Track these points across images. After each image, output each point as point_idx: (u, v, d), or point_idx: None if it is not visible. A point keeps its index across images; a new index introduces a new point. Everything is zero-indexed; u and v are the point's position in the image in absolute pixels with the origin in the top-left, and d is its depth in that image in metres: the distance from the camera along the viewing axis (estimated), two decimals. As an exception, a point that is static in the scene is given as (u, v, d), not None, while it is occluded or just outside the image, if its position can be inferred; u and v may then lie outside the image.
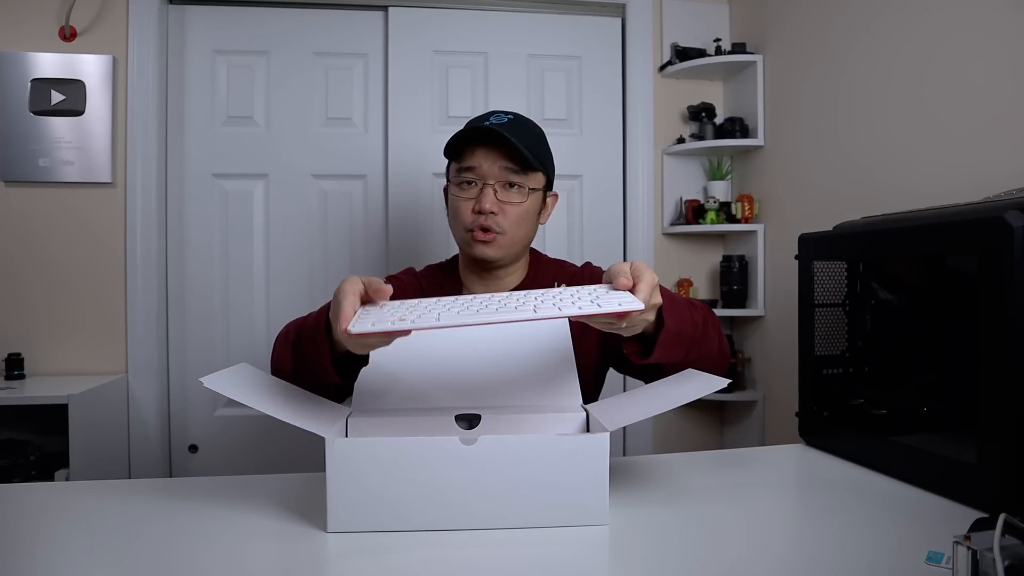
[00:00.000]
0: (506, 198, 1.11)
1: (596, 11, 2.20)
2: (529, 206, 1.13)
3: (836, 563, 0.65)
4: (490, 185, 1.10)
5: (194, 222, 2.05)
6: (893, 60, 1.53)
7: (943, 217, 0.95)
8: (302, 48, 2.09)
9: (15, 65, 1.89)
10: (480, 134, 1.09)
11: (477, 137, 1.10)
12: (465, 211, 1.11)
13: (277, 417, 0.73)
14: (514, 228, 1.12)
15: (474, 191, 1.11)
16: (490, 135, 1.08)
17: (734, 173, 2.23)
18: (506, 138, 1.07)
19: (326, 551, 0.68)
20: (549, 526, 0.71)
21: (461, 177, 1.12)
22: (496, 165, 1.09)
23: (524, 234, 1.14)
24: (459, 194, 1.12)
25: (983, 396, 0.77)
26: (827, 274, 1.09)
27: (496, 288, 1.18)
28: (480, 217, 1.10)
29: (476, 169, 1.10)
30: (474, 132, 1.10)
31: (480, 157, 1.10)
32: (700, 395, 0.78)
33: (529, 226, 1.15)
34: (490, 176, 1.10)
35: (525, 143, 1.09)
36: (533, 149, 1.11)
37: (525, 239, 1.16)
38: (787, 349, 1.85)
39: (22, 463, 1.66)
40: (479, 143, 1.10)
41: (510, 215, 1.11)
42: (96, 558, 0.67)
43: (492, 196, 1.09)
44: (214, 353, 2.05)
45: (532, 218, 1.15)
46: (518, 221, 1.12)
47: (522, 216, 1.12)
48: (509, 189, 1.11)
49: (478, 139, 1.10)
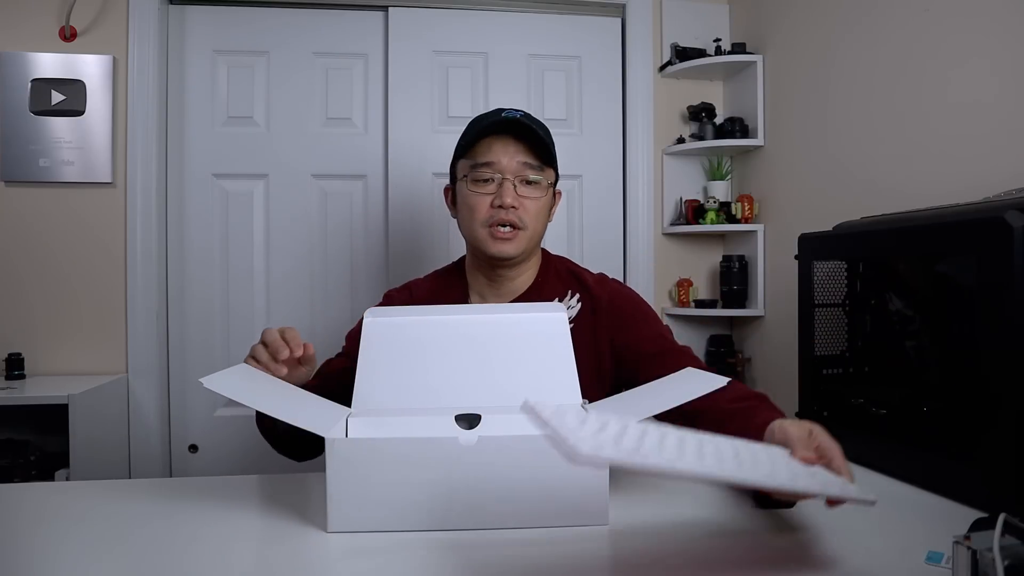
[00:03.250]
0: (525, 193, 1.09)
1: (596, 11, 2.20)
2: (546, 201, 1.12)
3: (836, 563, 0.65)
4: (509, 180, 1.08)
5: (194, 222, 2.05)
6: (893, 60, 1.53)
7: (943, 217, 0.95)
8: (302, 48, 2.08)
9: (15, 65, 1.89)
10: (499, 126, 1.07)
11: (496, 130, 1.08)
12: (483, 207, 1.09)
13: (277, 417, 0.73)
14: (533, 223, 1.10)
15: (492, 187, 1.09)
16: (509, 126, 1.07)
17: (734, 173, 2.23)
18: (527, 129, 1.05)
19: (326, 551, 0.68)
20: (549, 526, 0.71)
21: (477, 173, 1.09)
22: (515, 159, 1.08)
23: (541, 230, 1.13)
24: (476, 190, 1.09)
25: (983, 396, 0.77)
26: (827, 274, 1.10)
27: (505, 289, 1.16)
28: (500, 212, 1.07)
29: (494, 164, 1.08)
30: (493, 125, 1.07)
31: (498, 152, 1.08)
32: (700, 394, 0.78)
33: (544, 222, 1.13)
34: (508, 170, 1.08)
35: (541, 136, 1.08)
36: (548, 143, 1.10)
37: (541, 235, 1.14)
38: (787, 349, 1.85)
39: (22, 463, 1.66)
40: (497, 137, 1.08)
41: (530, 210, 1.09)
42: (96, 557, 0.67)
43: (512, 190, 1.07)
44: (214, 353, 2.05)
45: (546, 214, 1.13)
46: (537, 216, 1.10)
47: (540, 211, 1.11)
48: (527, 184, 1.09)
49: (497, 131, 1.08)
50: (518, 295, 1.16)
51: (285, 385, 0.87)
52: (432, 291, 1.19)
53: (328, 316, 2.09)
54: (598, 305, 1.13)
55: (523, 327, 0.92)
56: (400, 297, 1.19)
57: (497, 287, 1.16)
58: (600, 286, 1.16)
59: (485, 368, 0.89)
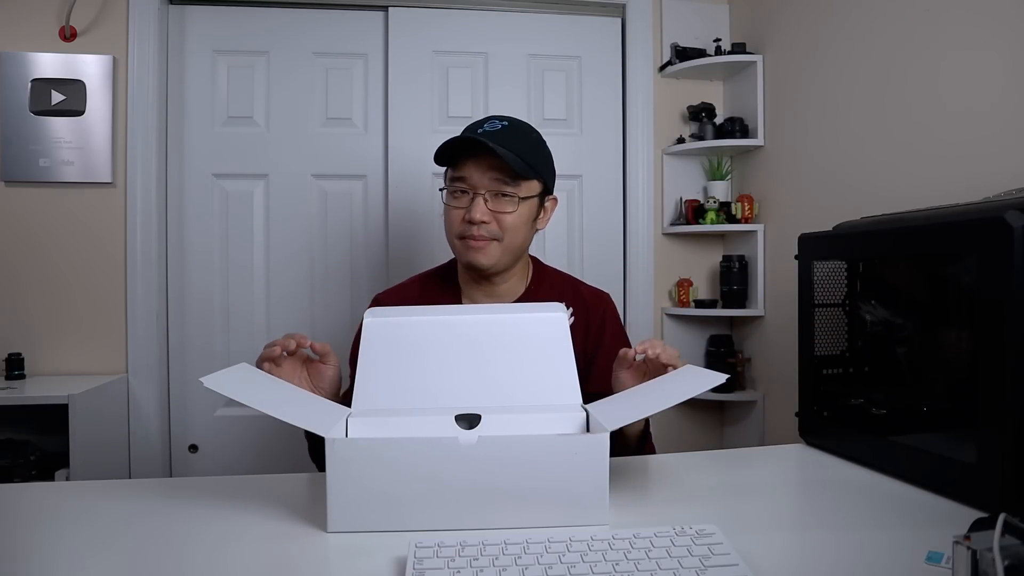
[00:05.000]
0: (497, 207, 1.10)
1: (596, 11, 2.20)
2: (521, 214, 1.12)
3: (836, 563, 0.65)
4: (480, 195, 1.09)
5: (194, 222, 2.05)
6: (893, 60, 1.53)
7: (943, 217, 0.95)
8: (302, 48, 2.08)
9: (15, 65, 1.89)
10: (467, 145, 1.09)
11: (464, 147, 1.09)
12: (456, 219, 1.12)
13: (277, 417, 0.73)
14: (507, 236, 1.11)
15: (465, 200, 1.11)
16: (476, 146, 1.08)
17: (734, 173, 2.23)
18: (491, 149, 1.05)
19: (326, 551, 0.68)
20: (549, 526, 0.71)
21: (453, 186, 1.12)
22: (486, 176, 1.09)
23: (518, 242, 1.13)
24: (451, 203, 1.12)
25: (983, 396, 0.77)
26: (827, 274, 1.09)
27: (496, 296, 1.18)
28: (471, 227, 1.09)
29: (467, 179, 1.10)
30: (462, 143, 1.09)
31: (470, 167, 1.09)
32: (698, 391, 0.78)
33: (523, 233, 1.14)
34: (480, 186, 1.09)
35: (519, 151, 1.08)
36: (527, 156, 1.10)
37: (519, 247, 1.15)
38: (787, 349, 1.85)
39: (22, 463, 1.66)
40: (472, 151, 1.09)
41: (505, 223, 1.11)
42: (95, 558, 0.67)
43: (482, 206, 1.09)
44: (214, 353, 2.05)
45: (526, 225, 1.14)
46: (514, 228, 1.11)
47: (517, 223, 1.12)
48: (500, 198, 1.10)
49: (465, 150, 1.09)
50: (510, 301, 1.18)
51: (285, 385, 0.87)
52: (423, 294, 1.20)
53: (328, 316, 2.09)
54: (591, 321, 1.19)
55: (524, 327, 0.92)
56: (389, 301, 1.20)
57: (485, 292, 1.18)
58: (596, 303, 1.21)
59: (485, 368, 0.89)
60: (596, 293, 1.24)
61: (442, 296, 1.19)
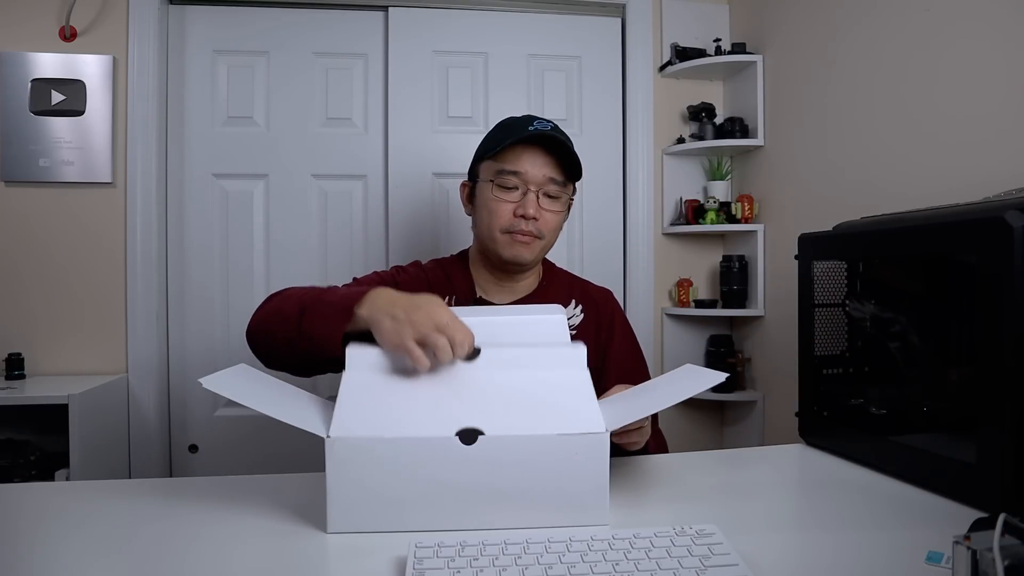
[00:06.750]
0: (547, 206, 1.12)
1: (596, 11, 2.20)
2: (562, 215, 1.15)
3: (836, 563, 0.65)
4: (533, 191, 1.10)
5: (194, 222, 2.05)
6: (893, 60, 1.53)
7: (943, 217, 0.95)
8: (302, 48, 2.08)
9: (15, 65, 1.89)
10: (533, 138, 1.09)
11: (529, 140, 1.10)
12: (504, 213, 1.11)
13: (276, 418, 0.73)
14: (548, 235, 1.14)
15: (516, 195, 1.11)
16: (542, 139, 1.09)
17: (734, 173, 2.23)
18: (559, 143, 1.08)
19: (326, 551, 0.68)
20: (549, 526, 0.71)
21: (503, 179, 1.11)
22: (542, 172, 1.10)
23: (553, 241, 1.17)
24: (500, 195, 1.11)
25: (983, 396, 0.77)
26: (827, 274, 1.09)
27: (511, 290, 1.20)
28: (521, 221, 1.10)
29: (521, 174, 1.10)
30: (529, 136, 1.09)
31: (527, 162, 1.10)
32: (698, 391, 0.78)
33: (558, 234, 1.17)
34: (534, 183, 1.10)
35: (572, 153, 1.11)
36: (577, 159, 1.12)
37: (551, 246, 1.18)
38: (787, 349, 1.85)
39: (22, 463, 1.66)
40: (527, 146, 1.10)
41: (549, 223, 1.13)
42: (96, 558, 0.67)
43: (535, 202, 1.10)
44: (214, 353, 2.04)
45: (560, 227, 1.17)
46: (554, 228, 1.15)
47: (558, 224, 1.15)
48: (549, 198, 1.12)
49: (529, 142, 1.10)
50: (523, 296, 1.20)
51: (285, 385, 0.87)
52: (437, 279, 1.19)
53: (328, 316, 2.08)
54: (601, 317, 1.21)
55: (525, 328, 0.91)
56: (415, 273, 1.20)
57: (502, 287, 1.19)
58: (604, 300, 1.24)
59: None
60: (602, 291, 1.27)
61: (453, 283, 1.19)
